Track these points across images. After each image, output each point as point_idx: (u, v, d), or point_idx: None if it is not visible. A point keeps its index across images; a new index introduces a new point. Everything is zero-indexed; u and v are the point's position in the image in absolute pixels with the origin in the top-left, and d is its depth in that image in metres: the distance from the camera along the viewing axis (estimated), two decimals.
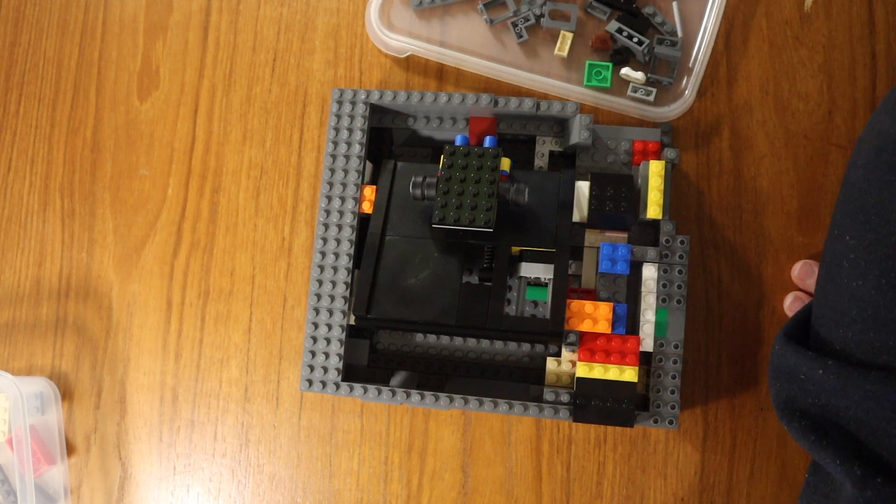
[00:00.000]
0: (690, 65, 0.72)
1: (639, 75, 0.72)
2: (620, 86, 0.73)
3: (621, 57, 0.73)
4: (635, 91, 0.72)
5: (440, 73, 0.77)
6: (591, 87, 0.73)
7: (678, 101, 0.71)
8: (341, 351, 0.66)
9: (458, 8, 0.76)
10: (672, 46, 0.71)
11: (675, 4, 0.73)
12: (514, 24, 0.74)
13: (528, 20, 0.74)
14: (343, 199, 0.67)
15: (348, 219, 0.67)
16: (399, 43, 0.75)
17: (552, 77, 0.73)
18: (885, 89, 0.71)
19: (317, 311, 0.66)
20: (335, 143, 0.68)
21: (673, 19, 0.73)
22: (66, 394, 0.78)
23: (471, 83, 0.76)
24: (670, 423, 0.62)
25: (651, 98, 0.72)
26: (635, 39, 0.72)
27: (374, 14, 0.75)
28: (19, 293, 0.81)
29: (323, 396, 0.74)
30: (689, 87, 0.72)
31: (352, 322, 0.66)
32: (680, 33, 0.73)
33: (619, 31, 0.72)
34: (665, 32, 0.73)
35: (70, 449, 0.77)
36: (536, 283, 0.68)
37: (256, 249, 0.77)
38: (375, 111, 0.70)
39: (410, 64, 0.78)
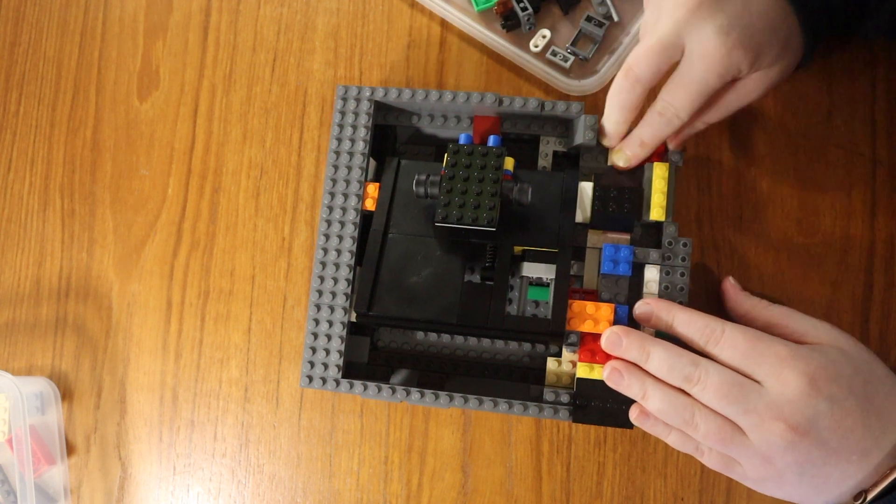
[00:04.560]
0: (614, 46, 0.75)
1: (545, 32, 0.74)
2: (541, 51, 0.75)
3: (511, 22, 0.75)
4: (555, 55, 0.74)
5: (440, 74, 0.77)
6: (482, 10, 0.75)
7: (591, 77, 0.73)
8: (342, 348, 0.66)
9: None
10: (598, 27, 0.73)
11: None
12: None
13: None
14: (346, 196, 0.67)
15: (351, 216, 0.67)
16: None
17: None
18: (883, 90, 0.71)
19: (318, 307, 0.66)
20: (339, 140, 0.68)
21: (613, 3, 0.75)
22: (66, 394, 0.78)
23: (470, 83, 0.77)
24: None
25: (567, 65, 0.74)
26: (521, 4, 0.73)
27: None
28: (19, 293, 0.80)
29: (323, 396, 0.74)
30: (605, 66, 0.73)
31: (353, 319, 0.66)
32: (616, 18, 0.75)
33: None
34: (599, 13, 0.74)
35: (70, 449, 0.77)
36: (538, 283, 0.68)
37: (256, 249, 0.77)
38: (380, 109, 0.70)
39: (411, 64, 0.78)
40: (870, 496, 0.55)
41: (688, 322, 0.59)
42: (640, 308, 0.62)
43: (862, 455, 0.55)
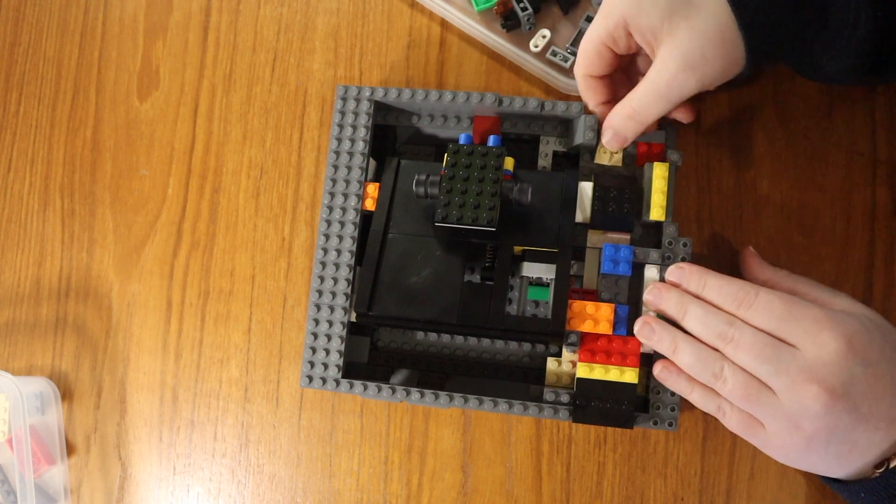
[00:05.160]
0: None
1: (545, 32, 0.73)
2: (541, 51, 0.75)
3: (511, 22, 0.74)
4: (555, 55, 0.73)
5: (440, 74, 0.77)
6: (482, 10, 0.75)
7: None
8: (342, 348, 0.66)
9: None
10: None
11: None
12: None
13: None
14: (346, 196, 0.67)
15: (351, 216, 0.67)
16: None
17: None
18: (883, 90, 0.71)
19: (318, 307, 0.66)
20: (339, 140, 0.68)
21: None
22: (66, 394, 0.78)
23: (470, 83, 0.77)
24: (670, 425, 0.62)
25: (567, 65, 0.73)
26: (521, 4, 0.73)
27: None
28: (19, 293, 0.80)
29: (323, 396, 0.74)
30: None
31: (353, 319, 0.66)
32: None
33: None
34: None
35: (70, 449, 0.77)
36: (538, 283, 0.68)
37: (256, 249, 0.77)
38: (380, 108, 0.70)
39: (411, 64, 0.78)
40: (892, 464, 0.55)
41: (720, 287, 0.59)
42: (672, 273, 0.62)
43: (889, 423, 0.55)
